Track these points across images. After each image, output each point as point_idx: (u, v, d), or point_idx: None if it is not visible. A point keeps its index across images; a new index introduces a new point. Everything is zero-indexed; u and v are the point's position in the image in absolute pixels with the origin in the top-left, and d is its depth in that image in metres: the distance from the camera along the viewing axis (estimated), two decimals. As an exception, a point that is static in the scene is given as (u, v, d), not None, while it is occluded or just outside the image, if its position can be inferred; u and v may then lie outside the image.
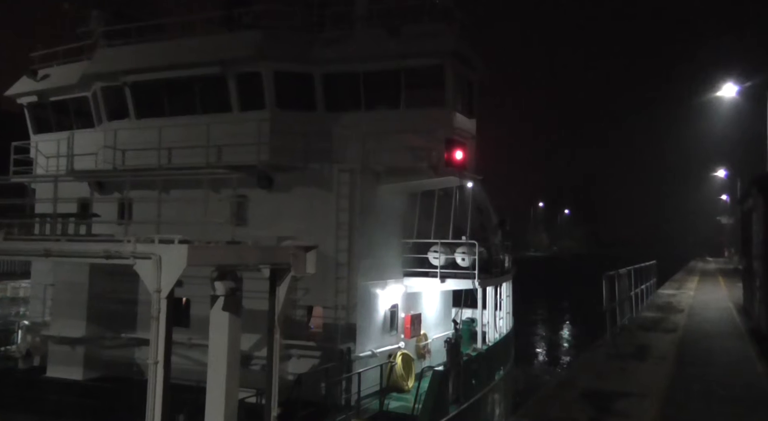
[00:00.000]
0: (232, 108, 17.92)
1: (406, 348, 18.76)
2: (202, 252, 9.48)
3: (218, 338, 10.27)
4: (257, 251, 11.13)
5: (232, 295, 10.06)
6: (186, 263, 9.12)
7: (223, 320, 10.27)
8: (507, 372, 22.21)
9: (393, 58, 17.26)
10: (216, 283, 9.81)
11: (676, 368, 12.63)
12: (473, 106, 19.03)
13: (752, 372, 12.58)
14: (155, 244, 9.31)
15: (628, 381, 11.43)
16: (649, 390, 10.66)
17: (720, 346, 15.73)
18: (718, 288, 38.06)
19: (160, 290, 9.14)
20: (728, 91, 32.77)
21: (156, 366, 9.04)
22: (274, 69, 17.39)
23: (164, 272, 9.10)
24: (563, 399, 10.02)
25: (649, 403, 9.78)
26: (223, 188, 17.53)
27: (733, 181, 66.80)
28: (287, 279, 11.65)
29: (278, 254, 11.45)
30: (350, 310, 16.85)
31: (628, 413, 9.24)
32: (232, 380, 10.23)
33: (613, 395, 10.21)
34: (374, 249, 17.71)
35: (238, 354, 10.59)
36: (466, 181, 18.75)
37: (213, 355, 10.36)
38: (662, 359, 13.65)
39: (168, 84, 18.31)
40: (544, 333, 53.83)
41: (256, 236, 16.78)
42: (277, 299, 11.72)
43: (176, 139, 18.02)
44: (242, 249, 10.62)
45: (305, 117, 17.71)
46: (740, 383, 11.45)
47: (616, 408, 9.48)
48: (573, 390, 10.66)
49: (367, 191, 17.58)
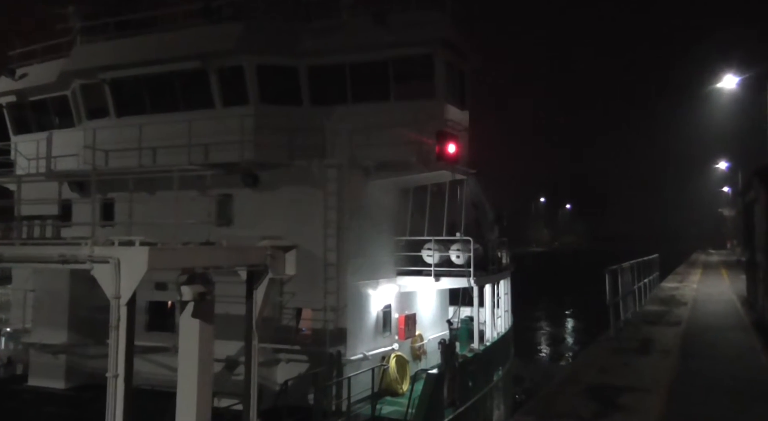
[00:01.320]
0: (214, 104, 17.12)
1: (401, 350, 17.92)
2: (166, 255, 8.65)
3: (188, 348, 9.43)
4: (231, 252, 10.30)
5: (202, 300, 9.22)
6: (147, 267, 8.31)
7: (192, 328, 9.43)
8: (506, 372, 21.36)
9: (380, 49, 16.44)
10: (183, 287, 8.98)
11: (680, 362, 12.46)
12: (465, 97, 18.18)
13: (757, 364, 12.40)
14: (114, 247, 8.50)
15: (632, 375, 11.25)
16: (653, 384, 10.48)
17: (724, 339, 15.50)
18: (721, 280, 37.56)
19: (120, 296, 8.32)
20: (728, 83, 32.16)
21: (116, 380, 8.23)
22: (256, 62, 16.58)
23: (123, 276, 8.29)
24: (567, 395, 9.85)
25: (653, 397, 9.63)
26: (208, 187, 16.80)
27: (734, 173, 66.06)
28: (265, 281, 10.83)
29: (254, 254, 10.62)
30: (340, 311, 16.03)
31: (632, 408, 9.07)
32: (204, 394, 9.39)
33: (617, 390, 10.06)
34: (365, 248, 16.88)
35: (210, 364, 9.74)
36: (458, 175, 17.87)
37: (183, 366, 9.53)
38: (666, 353, 13.43)
39: (148, 80, 17.50)
40: (547, 329, 53.07)
41: (242, 235, 16.03)
42: (254, 303, 10.90)
43: (158, 138, 17.24)
44: (213, 250, 9.79)
45: (290, 112, 16.92)
46: (745, 376, 11.28)
47: (621, 403, 9.32)
48: (577, 385, 10.46)
49: (356, 188, 16.76)
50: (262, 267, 10.69)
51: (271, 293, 15.44)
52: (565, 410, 8.96)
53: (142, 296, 17.16)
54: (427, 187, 18.99)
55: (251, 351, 10.83)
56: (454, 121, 17.23)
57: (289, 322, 16.30)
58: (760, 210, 18.05)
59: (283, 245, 11.19)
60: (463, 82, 18.00)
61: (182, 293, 8.96)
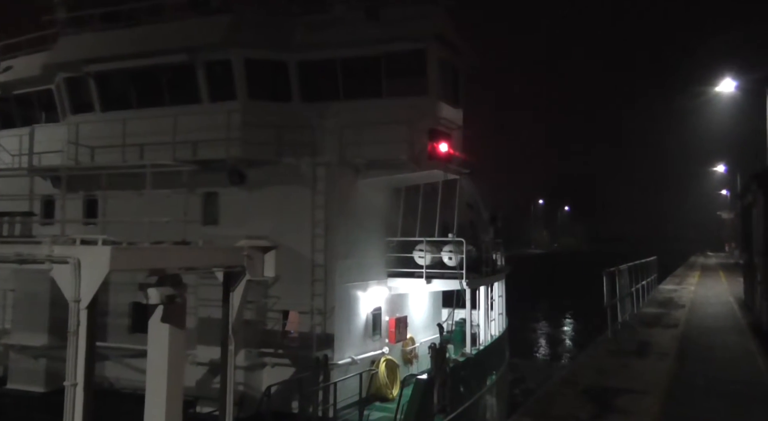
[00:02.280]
0: (201, 99, 16.50)
1: (391, 354, 17.29)
2: (130, 255, 8.03)
3: (157, 354, 8.79)
4: (205, 253, 9.67)
5: (171, 303, 8.59)
6: (109, 268, 7.68)
7: (162, 332, 8.80)
8: (500, 376, 20.71)
9: (372, 44, 15.83)
10: (149, 290, 8.35)
11: (677, 364, 12.37)
12: (459, 95, 17.55)
13: (753, 368, 12.32)
14: (74, 246, 7.87)
15: (629, 378, 11.17)
16: (650, 386, 10.39)
17: (721, 341, 15.40)
18: (719, 283, 37.62)
19: (79, 299, 7.69)
20: (727, 87, 32.00)
21: (74, 389, 7.60)
22: (244, 56, 15.96)
23: (84, 278, 7.66)
24: (565, 396, 9.81)
25: (651, 399, 9.56)
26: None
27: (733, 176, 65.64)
28: (242, 283, 10.20)
29: (231, 255, 9.99)
30: (327, 314, 15.40)
31: (630, 410, 9.00)
32: (173, 404, 8.74)
33: (614, 392, 10.00)
34: (354, 248, 16.25)
35: (181, 372, 9.09)
36: (451, 175, 17.23)
37: (151, 373, 8.89)
38: (664, 355, 13.34)
39: (134, 74, 16.88)
40: (546, 330, 52.57)
41: (228, 235, 15.43)
42: (231, 306, 10.26)
43: (144, 133, 16.62)
44: (185, 251, 9.16)
45: (279, 108, 16.31)
46: (741, 379, 11.24)
47: (618, 405, 9.26)
48: (574, 387, 10.40)
49: (346, 186, 16.14)
50: (240, 268, 10.05)
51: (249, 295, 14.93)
52: (562, 412, 8.86)
53: (126, 298, 16.66)
54: (419, 187, 18.36)
55: (227, 357, 10.19)
56: (448, 119, 16.61)
57: (274, 325, 15.66)
58: (757, 213, 17.98)
59: (263, 245, 10.55)
60: (457, 80, 17.37)
61: (149, 296, 8.33)
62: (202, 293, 14.47)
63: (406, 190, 18.21)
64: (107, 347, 16.30)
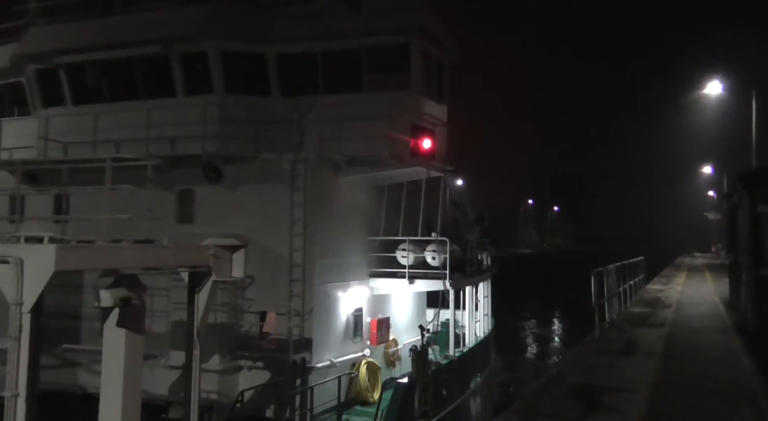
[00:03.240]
0: (177, 93, 15.82)
1: (373, 356, 16.68)
2: (79, 254, 7.36)
3: (111, 362, 8.10)
4: (167, 252, 9.00)
5: (126, 305, 7.92)
6: (54, 268, 7.02)
7: (117, 338, 8.11)
8: (485, 378, 20.16)
9: (354, 37, 15.23)
10: (101, 291, 7.68)
11: (663, 363, 12.46)
12: (443, 90, 16.97)
13: (738, 367, 12.43)
14: (17, 244, 7.21)
15: (616, 376, 11.26)
16: (637, 385, 10.48)
17: (707, 341, 15.55)
18: (705, 283, 37.56)
19: (22, 302, 7.02)
20: (714, 89, 32.07)
21: (14, 400, 6.92)
22: (221, 48, 15.30)
23: (27, 279, 6.99)
24: (552, 395, 9.82)
25: (637, 397, 9.65)
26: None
27: (719, 178, 65.63)
28: (208, 284, 9.55)
29: (196, 254, 9.34)
30: (306, 316, 14.76)
31: (616, 408, 9.06)
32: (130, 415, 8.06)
33: (602, 391, 10.05)
34: (334, 248, 15.63)
35: (137, 380, 8.39)
36: (435, 172, 16.63)
37: (106, 383, 8.19)
38: (650, 354, 13.38)
39: (106, 66, 16.16)
40: (534, 330, 52.26)
41: (204, 233, 14.80)
42: (196, 308, 9.61)
43: (118, 128, 15.91)
44: (143, 250, 8.48)
45: (258, 102, 15.67)
46: (726, 378, 11.34)
47: (605, 403, 9.31)
48: (562, 386, 10.44)
49: (326, 184, 15.51)
50: (205, 269, 9.40)
51: (224, 296, 14.24)
52: (550, 411, 8.88)
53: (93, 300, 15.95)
54: (402, 185, 17.76)
55: (191, 362, 9.53)
56: (431, 115, 16.03)
57: (251, 327, 15.00)
58: (743, 214, 18.06)
59: (231, 244, 9.90)
60: (441, 75, 16.80)
61: (100, 298, 7.65)
62: (176, 296, 13.91)
63: (389, 188, 17.61)
64: (80, 350, 15.61)
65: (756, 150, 28.93)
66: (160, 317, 14.82)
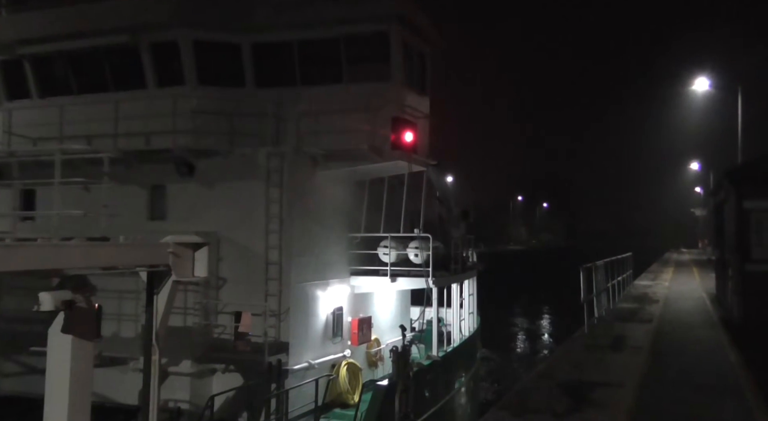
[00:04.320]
0: (147, 84, 15.03)
1: (354, 357, 16.00)
2: (12, 254, 6.61)
3: (56, 371, 7.34)
4: (121, 250, 8.25)
5: (70, 308, 7.18)
6: None
7: (62, 345, 7.36)
8: (470, 378, 19.55)
9: (331, 25, 14.50)
10: (41, 294, 6.94)
11: (651, 358, 12.50)
12: (426, 82, 16.28)
13: (724, 361, 12.48)
14: None
15: (605, 371, 11.28)
16: (625, 380, 10.52)
17: (694, 336, 15.56)
18: (692, 279, 37.90)
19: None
20: (701, 85, 32.01)
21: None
22: (193, 37, 14.52)
23: None
24: (542, 390, 9.86)
25: (625, 392, 9.69)
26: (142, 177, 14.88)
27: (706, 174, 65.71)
28: (168, 284, 8.81)
29: (154, 253, 8.60)
30: (282, 316, 14.05)
31: (605, 403, 9.09)
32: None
33: (590, 385, 10.08)
34: (312, 245, 14.92)
35: (86, 392, 7.63)
36: (417, 166, 15.94)
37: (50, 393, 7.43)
38: (638, 349, 13.42)
39: (73, 57, 15.33)
40: (522, 326, 51.96)
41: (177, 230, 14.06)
42: (155, 311, 8.87)
43: (86, 121, 15.10)
44: (92, 248, 7.73)
45: (232, 94, 14.91)
46: (713, 372, 11.36)
47: (594, 398, 9.33)
48: (551, 381, 10.46)
49: (303, 178, 14.80)
50: (164, 268, 8.67)
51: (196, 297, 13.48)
52: (539, 405, 8.87)
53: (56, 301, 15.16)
54: (384, 180, 17.07)
55: (149, 368, 8.80)
56: (413, 107, 15.33)
57: (225, 328, 14.26)
58: (729, 210, 18.35)
59: (193, 241, 9.16)
60: (423, 65, 16.10)
61: (40, 301, 6.91)
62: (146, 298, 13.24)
63: (370, 183, 16.91)
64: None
65: (742, 146, 28.95)
66: (129, 320, 14.09)
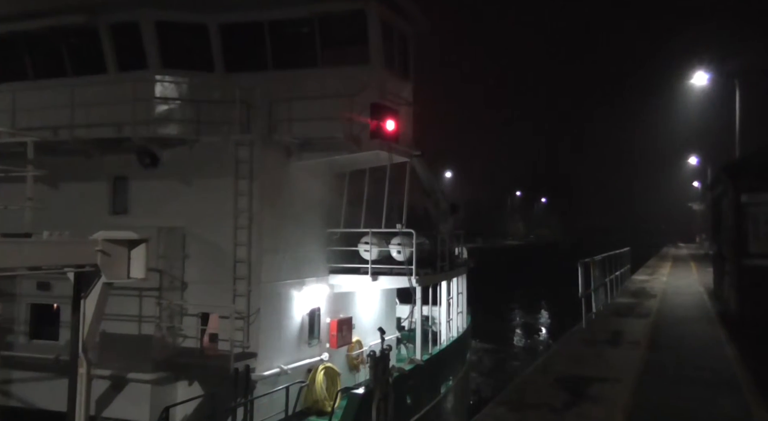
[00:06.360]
0: (107, 68, 13.80)
1: (333, 360, 14.78)
2: None
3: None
4: (35, 248, 7.01)
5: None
6: None
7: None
8: (459, 380, 18.35)
9: (303, 3, 13.25)
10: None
11: (649, 353, 12.41)
12: (409, 66, 15.03)
13: (721, 355, 12.40)
14: None
15: (602, 366, 11.19)
16: (623, 374, 10.47)
17: (691, 330, 15.43)
18: (690, 273, 36.89)
19: None
20: (699, 80, 31.03)
21: None
22: (155, 18, 13.31)
23: None
24: (539, 385, 9.84)
25: (623, 387, 9.68)
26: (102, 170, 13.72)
27: (704, 169, 64.50)
28: (97, 287, 7.59)
29: (79, 251, 7.37)
30: (251, 317, 12.85)
31: (602, 397, 9.07)
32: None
33: (588, 380, 10.02)
34: (286, 242, 13.70)
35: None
36: (399, 156, 14.69)
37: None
38: (636, 344, 13.28)
39: (27, 38, 14.09)
40: (520, 320, 51.01)
41: (140, 226, 12.85)
42: (82, 316, 7.65)
43: (43, 108, 13.87)
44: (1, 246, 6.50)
45: (199, 79, 13.70)
46: (710, 367, 11.31)
47: (591, 393, 9.31)
48: (549, 376, 10.41)
49: (276, 170, 13.58)
50: (92, 268, 7.45)
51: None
52: (537, 400, 8.84)
53: (23, 299, 13.97)
54: (365, 172, 15.83)
55: (75, 381, 7.57)
56: (394, 93, 14.09)
57: (189, 332, 13.05)
58: (727, 204, 17.99)
59: (130, 238, 7.93)
60: (406, 48, 14.86)
61: None
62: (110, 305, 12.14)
63: (350, 175, 15.66)
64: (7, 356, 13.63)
65: (740, 140, 28.00)
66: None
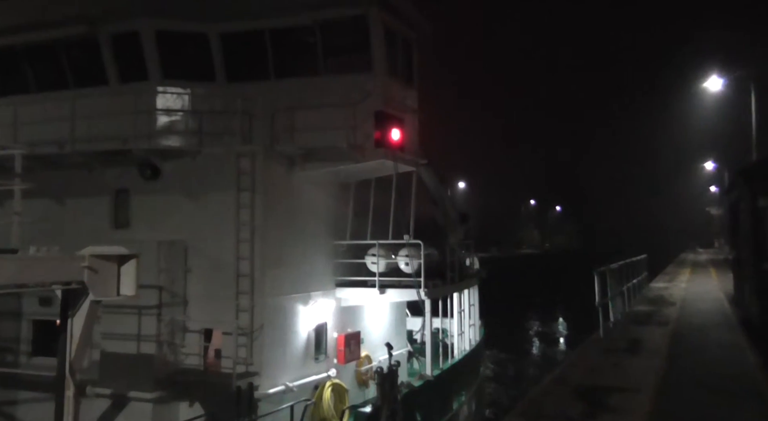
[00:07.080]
0: (109, 80, 13.60)
1: (341, 376, 14.29)
2: None
3: None
4: (17, 265, 6.67)
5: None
6: None
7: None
8: (472, 394, 17.73)
9: (305, 11, 12.95)
10: None
11: (668, 362, 12.14)
12: (413, 73, 14.63)
13: (743, 363, 12.07)
14: None
15: (621, 376, 10.95)
16: (642, 384, 10.22)
17: (712, 338, 15.10)
18: (710, 279, 35.94)
19: None
20: (714, 84, 30.49)
21: None
22: (156, 27, 13.06)
23: None
24: (557, 395, 9.62)
25: (642, 397, 9.42)
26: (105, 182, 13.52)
27: (721, 173, 63.45)
28: (85, 305, 7.23)
29: (65, 268, 7.02)
30: (255, 334, 12.43)
31: (621, 408, 8.83)
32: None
33: (606, 390, 9.82)
34: (290, 255, 13.30)
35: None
36: (405, 166, 14.23)
37: None
38: (655, 353, 13.02)
39: (28, 50, 13.95)
40: (537, 330, 50.15)
41: (141, 239, 12.59)
42: (69, 335, 7.28)
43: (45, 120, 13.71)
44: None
45: (201, 89, 13.42)
46: (732, 375, 10.99)
47: (610, 403, 9.09)
48: (566, 386, 10.21)
49: (279, 181, 13.22)
50: (78, 285, 7.09)
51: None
52: (554, 411, 8.70)
53: (26, 314, 13.73)
54: (371, 182, 15.41)
55: (62, 406, 7.20)
56: (398, 101, 13.69)
57: (192, 349, 12.66)
58: (744, 209, 17.64)
59: (119, 253, 7.57)
60: (410, 54, 14.46)
61: None
62: (106, 324, 12.06)
63: (356, 185, 15.26)
64: (7, 373, 13.36)
65: (756, 144, 27.37)
66: None
